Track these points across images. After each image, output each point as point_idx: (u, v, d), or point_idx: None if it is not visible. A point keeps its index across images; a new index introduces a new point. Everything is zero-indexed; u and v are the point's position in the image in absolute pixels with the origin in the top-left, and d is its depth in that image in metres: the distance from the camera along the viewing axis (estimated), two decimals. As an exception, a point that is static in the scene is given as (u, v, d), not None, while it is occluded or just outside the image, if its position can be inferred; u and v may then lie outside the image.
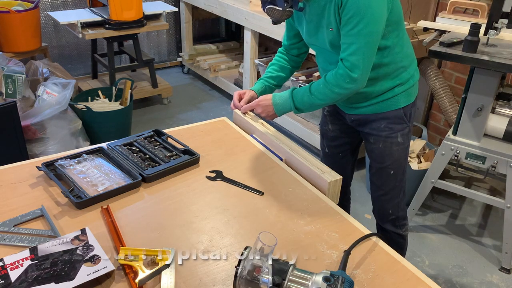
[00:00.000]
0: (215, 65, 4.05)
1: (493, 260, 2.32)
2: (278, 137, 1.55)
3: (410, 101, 1.58)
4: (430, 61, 2.79)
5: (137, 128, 3.40)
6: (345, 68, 1.38)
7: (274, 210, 1.23)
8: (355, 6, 1.29)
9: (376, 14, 1.32)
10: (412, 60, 1.57)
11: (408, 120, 1.60)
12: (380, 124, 1.58)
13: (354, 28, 1.32)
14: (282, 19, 1.41)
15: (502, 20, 1.95)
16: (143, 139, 1.52)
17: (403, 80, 1.53)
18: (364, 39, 1.33)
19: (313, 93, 1.46)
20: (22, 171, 1.34)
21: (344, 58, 1.38)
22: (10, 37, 3.16)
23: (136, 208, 1.21)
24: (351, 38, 1.34)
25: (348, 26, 1.33)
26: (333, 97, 1.44)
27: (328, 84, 1.42)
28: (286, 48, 1.72)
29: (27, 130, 2.65)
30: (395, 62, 1.49)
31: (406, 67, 1.53)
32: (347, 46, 1.36)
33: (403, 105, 1.56)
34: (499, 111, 2.15)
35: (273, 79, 1.70)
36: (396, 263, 1.07)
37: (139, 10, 3.33)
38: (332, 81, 1.41)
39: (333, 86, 1.41)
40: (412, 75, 1.57)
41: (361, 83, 1.40)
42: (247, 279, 0.90)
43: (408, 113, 1.59)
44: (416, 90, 1.61)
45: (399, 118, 1.57)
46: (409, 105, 1.58)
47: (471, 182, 2.93)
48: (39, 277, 0.94)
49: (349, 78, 1.38)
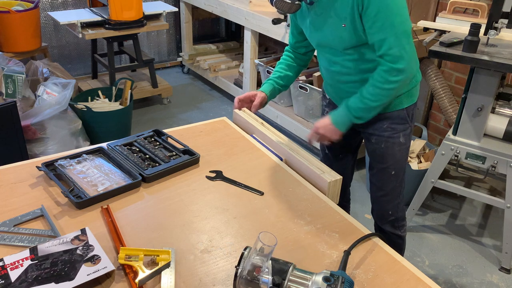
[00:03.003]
0: (215, 65, 4.05)
1: (493, 260, 2.32)
2: (278, 137, 1.55)
3: (412, 101, 1.58)
4: (430, 61, 2.78)
5: (137, 128, 3.40)
6: (388, 63, 1.36)
7: (274, 210, 1.23)
8: (378, 2, 1.29)
9: (400, 4, 1.32)
10: (415, 61, 1.57)
11: (411, 120, 1.60)
12: (383, 125, 1.58)
13: (385, 22, 1.31)
14: (290, 11, 1.39)
15: (502, 20, 1.95)
16: (143, 139, 1.52)
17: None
18: (398, 29, 1.32)
19: (365, 97, 1.43)
20: (22, 171, 1.34)
21: (384, 54, 1.36)
22: (10, 37, 3.16)
23: (136, 208, 1.21)
24: (383, 33, 1.33)
25: (378, 23, 1.32)
26: (386, 93, 1.42)
27: (376, 84, 1.41)
28: (293, 46, 1.71)
29: (27, 130, 2.65)
30: None
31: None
32: (381, 43, 1.35)
33: (406, 105, 1.56)
34: (499, 111, 2.15)
35: (281, 79, 1.68)
36: (396, 263, 1.07)
37: (139, 10, 3.33)
38: (380, 79, 1.40)
39: (382, 83, 1.40)
40: (415, 76, 1.57)
41: (410, 71, 1.39)
42: (247, 279, 0.90)
43: (410, 113, 1.59)
44: (418, 91, 1.62)
45: (402, 118, 1.57)
46: (411, 105, 1.58)
47: (471, 182, 2.93)
48: (39, 277, 0.94)
49: (395, 71, 1.37)
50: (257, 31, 3.25)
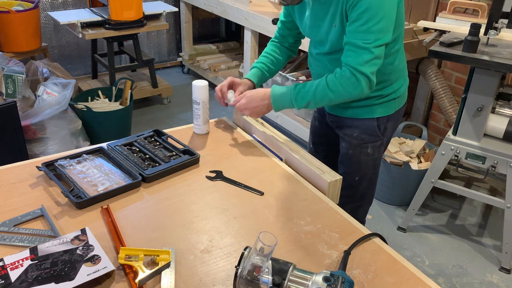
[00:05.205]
0: (215, 65, 4.05)
1: (493, 260, 2.32)
2: (278, 137, 1.55)
3: (386, 113, 1.55)
4: (430, 61, 2.79)
5: (137, 128, 3.40)
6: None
7: (274, 210, 1.23)
8: (366, 2, 1.25)
9: (388, 12, 1.29)
10: (400, 76, 1.54)
11: (382, 134, 1.58)
12: (353, 132, 1.58)
13: (364, 24, 1.28)
14: (293, 3, 1.39)
15: (502, 20, 1.95)
16: (143, 139, 1.52)
17: (384, 93, 1.52)
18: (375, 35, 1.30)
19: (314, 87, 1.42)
20: (22, 171, 1.34)
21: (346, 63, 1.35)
22: (10, 37, 3.16)
23: (136, 208, 1.21)
24: (360, 34, 1.30)
25: (359, 22, 1.28)
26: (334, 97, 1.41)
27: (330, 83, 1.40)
28: (282, 36, 1.67)
29: (27, 130, 2.65)
30: (383, 73, 1.46)
31: (392, 81, 1.51)
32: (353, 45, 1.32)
33: (378, 115, 1.54)
34: (499, 111, 2.15)
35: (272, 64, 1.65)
36: (396, 263, 1.07)
37: (139, 10, 3.33)
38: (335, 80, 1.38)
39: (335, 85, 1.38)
40: (396, 90, 1.54)
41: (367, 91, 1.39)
42: (247, 279, 0.90)
43: (382, 127, 1.56)
44: (399, 105, 1.58)
45: (371, 129, 1.56)
46: (384, 117, 1.55)
47: (471, 182, 2.93)
48: (39, 277, 0.94)
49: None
50: (257, 31, 3.25)
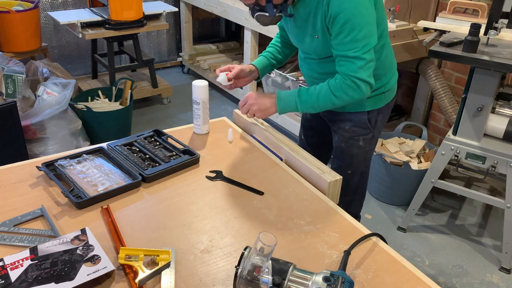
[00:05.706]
0: (215, 65, 4.05)
1: (493, 260, 2.32)
2: (278, 137, 1.55)
3: (376, 106, 1.60)
4: (430, 61, 2.79)
5: (137, 128, 3.40)
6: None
7: (274, 210, 1.23)
8: (344, 15, 1.30)
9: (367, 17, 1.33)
10: (389, 70, 1.58)
11: (373, 126, 1.62)
12: (345, 125, 1.63)
13: (348, 36, 1.32)
14: (272, 23, 1.43)
15: (502, 20, 1.95)
16: (143, 139, 1.52)
17: (374, 87, 1.53)
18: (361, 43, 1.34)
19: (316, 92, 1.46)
20: (22, 171, 1.34)
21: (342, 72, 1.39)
22: (10, 37, 3.16)
23: (136, 208, 1.21)
24: (347, 45, 1.34)
25: (342, 34, 1.33)
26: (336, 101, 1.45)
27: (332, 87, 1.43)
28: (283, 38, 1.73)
29: (27, 130, 2.65)
30: None
31: (380, 75, 1.54)
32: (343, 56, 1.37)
33: (368, 109, 1.58)
34: (499, 111, 2.15)
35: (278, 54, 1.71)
36: (396, 263, 1.07)
37: (139, 10, 3.33)
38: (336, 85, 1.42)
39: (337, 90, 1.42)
40: (385, 84, 1.57)
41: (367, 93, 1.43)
42: (247, 279, 0.90)
43: (373, 120, 1.61)
44: (388, 99, 1.62)
45: (362, 123, 1.60)
46: (375, 110, 1.60)
47: (471, 182, 2.93)
48: (39, 277, 0.94)
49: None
50: (257, 31, 3.25)
